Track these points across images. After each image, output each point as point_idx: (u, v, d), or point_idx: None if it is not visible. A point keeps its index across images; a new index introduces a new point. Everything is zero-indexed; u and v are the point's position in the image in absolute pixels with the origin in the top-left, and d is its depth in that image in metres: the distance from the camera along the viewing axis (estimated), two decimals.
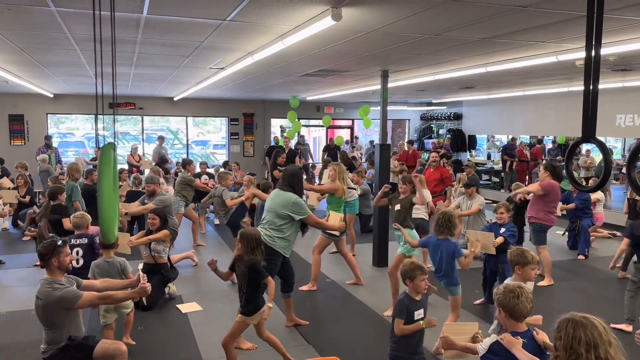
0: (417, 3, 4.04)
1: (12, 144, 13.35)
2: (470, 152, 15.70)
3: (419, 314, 3.40)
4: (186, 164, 8.71)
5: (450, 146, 15.06)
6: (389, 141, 8.21)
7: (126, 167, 12.07)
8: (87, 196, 7.24)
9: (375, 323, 5.24)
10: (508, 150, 13.46)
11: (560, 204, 8.13)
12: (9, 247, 8.12)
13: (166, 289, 5.80)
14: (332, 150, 13.88)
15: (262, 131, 15.94)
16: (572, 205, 7.92)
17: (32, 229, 7.39)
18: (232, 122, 15.69)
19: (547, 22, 4.67)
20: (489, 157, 16.01)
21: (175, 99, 14.39)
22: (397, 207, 5.50)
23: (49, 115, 14.07)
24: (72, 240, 4.84)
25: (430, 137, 16.84)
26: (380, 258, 7.29)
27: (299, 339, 4.83)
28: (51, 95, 13.24)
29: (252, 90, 12.03)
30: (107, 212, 2.34)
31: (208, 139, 21.39)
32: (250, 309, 3.95)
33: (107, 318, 4.37)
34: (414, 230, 5.49)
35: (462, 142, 15.54)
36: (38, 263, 6.41)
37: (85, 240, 4.92)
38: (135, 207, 6.87)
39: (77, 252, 4.84)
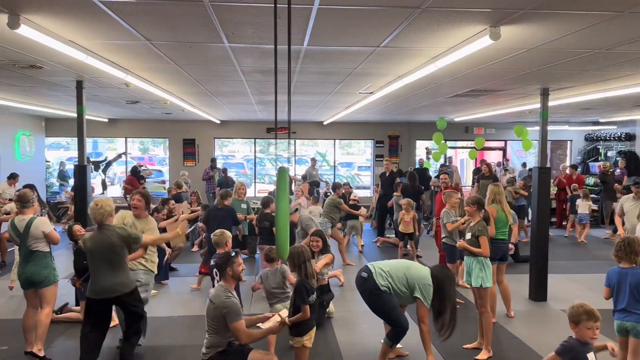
0: (586, 17, 3.73)
1: (185, 165, 15.10)
2: None
3: (591, 357, 3.02)
4: (336, 187, 9.04)
5: (626, 169, 13.38)
6: (548, 164, 7.50)
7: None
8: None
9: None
10: None
11: None
12: (180, 257, 9.13)
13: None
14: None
15: (407, 153, 15.89)
16: None
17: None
18: (377, 145, 15.91)
19: None
20: None
21: (324, 123, 15.06)
22: (468, 235, 5.01)
23: (215, 139, 15.67)
24: (212, 260, 4.95)
25: (596, 160, 15.21)
26: (537, 291, 6.73)
27: None
28: (218, 122, 14.77)
29: (398, 112, 12.09)
30: (283, 232, 2.54)
31: (353, 161, 21.94)
32: (300, 329, 3.91)
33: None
34: (490, 265, 4.95)
35: (637, 166, 13.75)
36: (201, 270, 7.17)
37: None
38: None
39: (216, 273, 4.71)
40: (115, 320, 5.65)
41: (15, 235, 4.80)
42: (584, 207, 10.97)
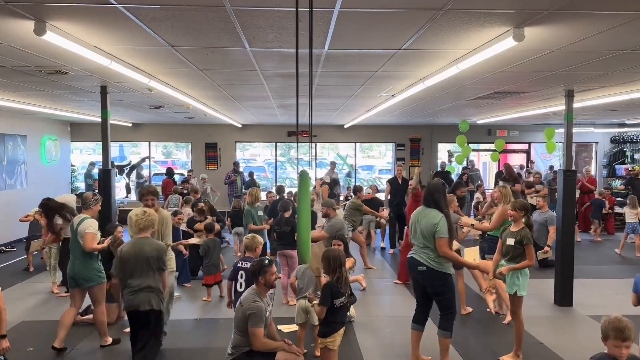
0: (613, 17, 3.64)
1: (207, 168, 15.24)
2: None
3: None
4: (357, 190, 8.97)
5: None
6: (573, 167, 7.29)
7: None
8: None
9: None
10: None
11: None
12: None
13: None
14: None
15: (428, 156, 15.76)
16: None
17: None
18: (398, 148, 15.81)
19: None
20: None
21: (345, 126, 15.03)
22: (511, 241, 4.80)
23: (237, 143, 15.78)
24: (240, 262, 4.84)
25: (623, 163, 14.88)
26: (563, 296, 6.59)
27: None
28: (240, 126, 14.87)
29: (419, 115, 12.00)
30: (305, 235, 2.54)
31: (374, 164, 21.88)
32: (325, 331, 3.92)
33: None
34: (527, 273, 4.80)
35: None
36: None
37: (249, 265, 4.52)
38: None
39: (241, 275, 4.73)
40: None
41: (71, 232, 5.22)
42: (631, 215, 10.03)
